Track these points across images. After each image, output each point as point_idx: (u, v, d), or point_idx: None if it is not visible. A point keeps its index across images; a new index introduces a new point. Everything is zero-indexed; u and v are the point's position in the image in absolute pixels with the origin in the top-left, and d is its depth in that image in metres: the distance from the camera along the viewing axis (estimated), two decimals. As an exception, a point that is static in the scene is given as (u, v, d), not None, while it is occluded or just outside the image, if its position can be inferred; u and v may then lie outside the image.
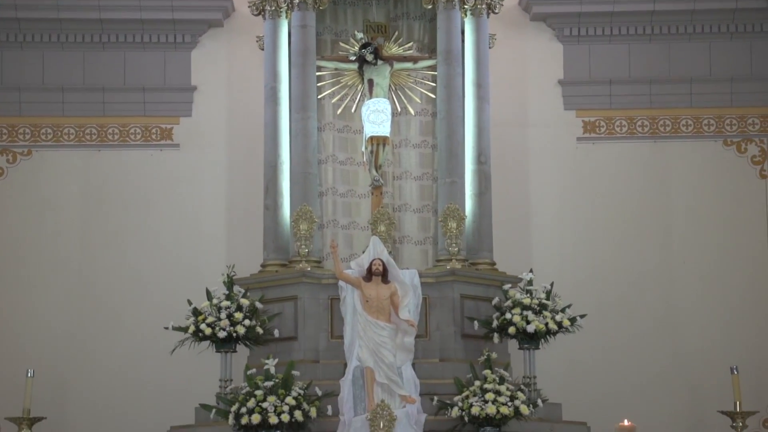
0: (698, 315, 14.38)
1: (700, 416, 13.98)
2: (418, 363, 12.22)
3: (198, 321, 12.48)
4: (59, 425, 13.69)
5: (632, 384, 14.12)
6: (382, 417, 11.34)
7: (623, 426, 8.42)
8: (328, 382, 12.15)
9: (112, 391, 14.00)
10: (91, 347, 14.12)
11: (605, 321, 14.04)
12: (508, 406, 11.76)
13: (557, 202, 14.60)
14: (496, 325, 12.45)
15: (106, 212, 14.45)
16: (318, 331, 12.54)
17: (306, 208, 12.65)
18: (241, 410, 11.73)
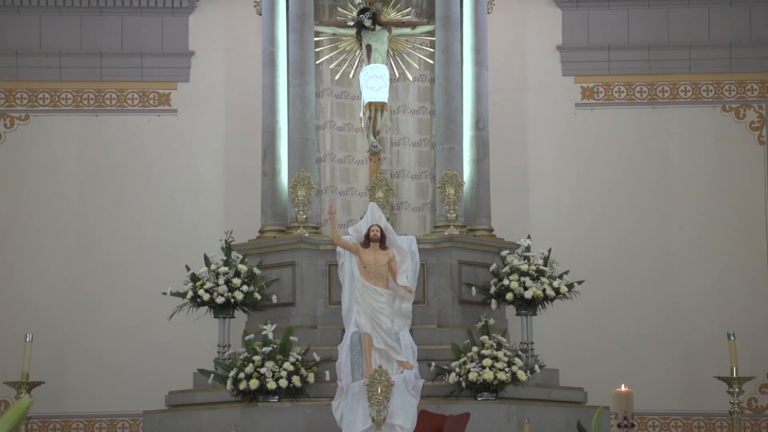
0: (695, 281, 14.40)
1: (697, 382, 14.02)
2: (416, 329, 12.26)
3: (196, 287, 12.50)
4: (58, 390, 13.73)
5: (629, 350, 14.16)
6: (380, 382, 11.37)
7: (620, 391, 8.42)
8: (325, 347, 12.19)
9: (110, 356, 14.03)
10: (90, 312, 14.14)
11: (602, 287, 14.07)
12: (506, 371, 11.80)
13: (555, 169, 14.60)
14: (494, 291, 12.48)
15: (103, 178, 14.44)
16: (316, 297, 12.57)
17: (304, 174, 12.64)
18: (239, 375, 11.77)
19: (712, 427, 14.13)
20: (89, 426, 14.03)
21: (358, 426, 11.39)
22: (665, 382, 14.09)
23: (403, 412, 11.42)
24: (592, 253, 14.25)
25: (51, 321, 13.97)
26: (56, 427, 13.98)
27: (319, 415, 11.72)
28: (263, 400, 11.81)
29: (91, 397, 13.96)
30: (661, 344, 14.22)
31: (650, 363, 14.11)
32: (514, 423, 11.73)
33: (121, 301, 14.15)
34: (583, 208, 14.51)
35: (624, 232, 14.46)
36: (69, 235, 14.31)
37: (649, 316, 14.27)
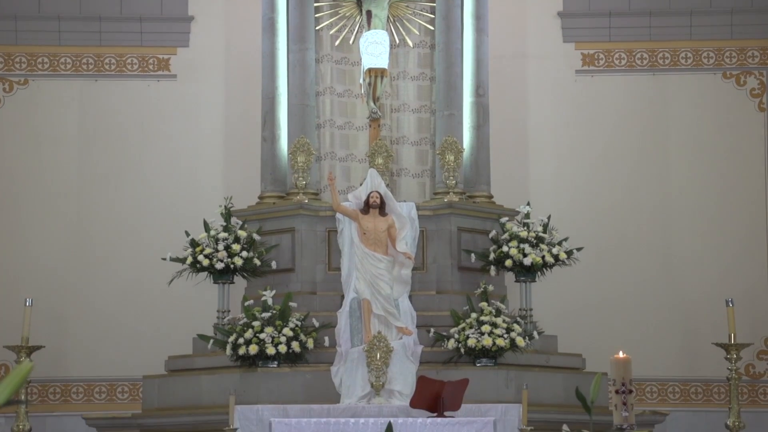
0: (694, 247, 14.41)
1: (695, 348, 14.06)
2: (415, 295, 12.28)
3: (195, 252, 12.51)
4: (58, 354, 13.77)
5: (627, 316, 14.19)
6: (379, 348, 11.40)
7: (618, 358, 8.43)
8: (325, 313, 12.21)
9: (110, 320, 14.06)
10: (90, 277, 14.16)
11: (601, 254, 14.08)
12: (504, 338, 11.83)
13: (555, 135, 14.59)
14: (493, 258, 12.49)
15: (103, 142, 14.43)
16: (315, 263, 12.58)
17: (303, 140, 12.63)
18: (239, 341, 11.80)
19: (710, 393, 14.17)
20: (89, 390, 14.07)
21: (357, 391, 11.42)
22: (663, 348, 14.13)
23: (401, 378, 11.46)
24: (591, 220, 14.25)
25: (51, 286, 13.99)
26: (56, 391, 14.03)
27: (318, 381, 11.75)
28: (262, 365, 11.84)
29: (90, 362, 14.00)
30: (660, 311, 14.25)
31: (648, 329, 14.14)
32: (513, 389, 11.76)
33: (120, 267, 14.16)
34: (583, 175, 14.51)
35: (623, 199, 14.46)
36: (68, 201, 14.31)
37: (648, 283, 14.29)
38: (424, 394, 10.29)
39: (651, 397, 14.14)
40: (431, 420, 9.89)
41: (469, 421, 9.88)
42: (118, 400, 14.03)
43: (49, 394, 13.99)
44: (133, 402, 13.74)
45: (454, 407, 10.28)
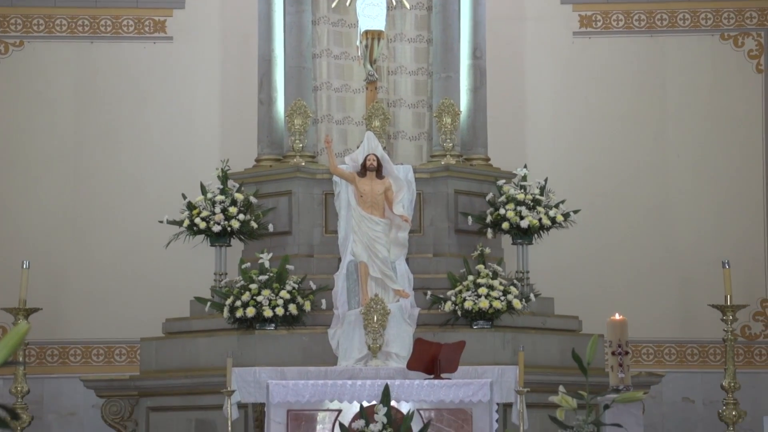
0: (691, 209, 14.42)
1: (691, 310, 14.09)
2: (412, 258, 12.29)
3: (192, 215, 12.51)
4: (55, 317, 13.79)
5: (624, 278, 14.22)
6: (376, 311, 11.43)
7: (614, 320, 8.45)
8: (322, 276, 12.23)
9: (107, 283, 14.07)
10: (86, 240, 14.16)
11: (598, 216, 14.08)
12: (501, 300, 11.85)
13: (552, 97, 14.56)
14: (490, 221, 12.50)
15: (99, 105, 14.39)
16: (312, 225, 12.59)
17: (300, 102, 12.60)
18: (236, 303, 11.82)
19: (706, 355, 14.22)
20: (86, 352, 14.10)
21: (354, 354, 11.46)
22: (659, 310, 14.16)
23: (398, 340, 11.49)
24: (588, 182, 14.25)
25: (47, 248, 13.99)
26: (54, 353, 14.06)
27: (316, 343, 11.78)
28: (260, 327, 11.87)
29: (88, 324, 14.02)
30: (656, 273, 14.28)
31: (645, 291, 14.17)
32: (509, 351, 11.80)
33: (117, 229, 14.16)
34: (580, 138, 14.49)
35: (620, 160, 14.45)
36: (64, 163, 14.29)
37: (645, 245, 14.31)
38: (420, 357, 10.32)
39: (647, 359, 14.19)
40: (428, 382, 9.93)
41: (465, 382, 9.92)
42: (115, 362, 14.06)
43: (46, 356, 14.03)
44: (131, 364, 13.78)
45: (451, 369, 10.31)
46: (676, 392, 14.03)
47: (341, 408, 9.73)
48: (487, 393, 9.79)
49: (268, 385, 9.84)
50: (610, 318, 8.62)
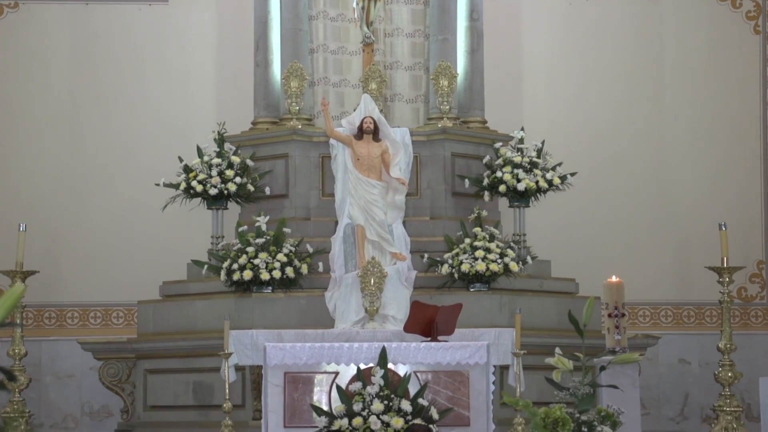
0: (688, 171, 14.42)
1: (687, 272, 14.12)
2: (409, 221, 12.29)
3: (189, 178, 12.49)
4: (52, 279, 13.80)
5: (621, 240, 14.23)
6: (373, 274, 11.44)
7: (611, 282, 8.47)
8: (319, 239, 12.23)
9: (104, 246, 14.07)
10: (83, 203, 14.15)
11: (595, 178, 14.08)
12: (498, 263, 11.86)
13: (549, 60, 14.51)
14: (487, 183, 12.49)
15: (95, 68, 14.34)
16: (309, 188, 12.58)
17: (296, 65, 12.56)
18: (233, 266, 11.83)
19: (702, 317, 14.25)
20: (84, 315, 14.13)
21: (351, 316, 11.47)
22: (656, 272, 14.18)
23: (395, 303, 11.50)
24: (585, 144, 14.23)
25: (44, 211, 13.98)
26: (51, 316, 14.08)
27: (313, 306, 11.80)
28: (257, 290, 11.88)
29: (85, 287, 14.03)
30: (653, 235, 14.29)
31: (641, 253, 14.19)
32: (506, 313, 11.82)
33: (113, 192, 14.15)
34: (577, 100, 14.47)
35: (618, 123, 14.43)
36: (60, 125, 14.26)
37: (642, 207, 14.32)
38: (417, 319, 10.33)
39: (643, 321, 14.23)
40: (425, 344, 9.94)
41: (462, 345, 9.93)
42: (113, 325, 14.09)
43: (44, 318, 14.05)
44: (128, 327, 13.81)
45: (448, 332, 10.32)
46: (673, 354, 14.07)
47: (338, 370, 9.75)
48: (483, 355, 9.80)
49: (265, 347, 9.85)
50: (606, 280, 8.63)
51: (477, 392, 9.75)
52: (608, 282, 8.62)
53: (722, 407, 11.98)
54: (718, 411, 12.03)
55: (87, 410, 13.84)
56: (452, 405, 9.68)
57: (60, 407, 13.83)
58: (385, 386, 9.51)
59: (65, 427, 13.78)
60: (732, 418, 11.92)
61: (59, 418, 13.79)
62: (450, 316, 10.40)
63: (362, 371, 9.64)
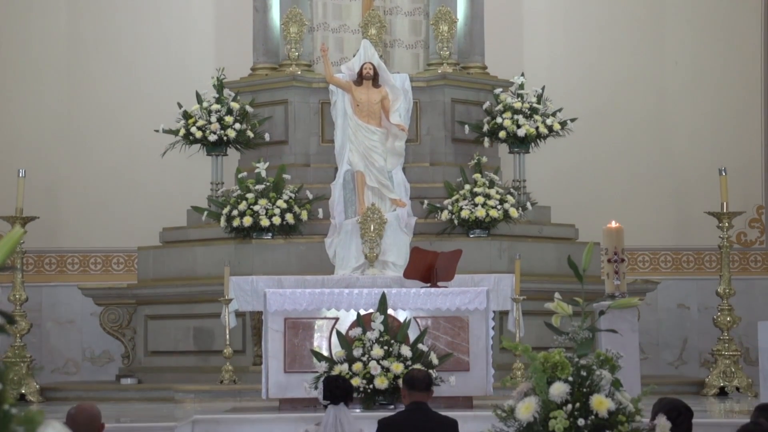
0: (688, 117, 14.39)
1: (687, 217, 14.12)
2: (409, 167, 12.28)
3: (188, 124, 12.48)
4: (52, 225, 13.80)
5: (620, 186, 14.22)
6: (373, 220, 11.45)
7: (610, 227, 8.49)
8: (318, 185, 12.23)
9: (103, 192, 14.06)
10: (83, 149, 14.12)
11: (595, 124, 14.05)
12: (498, 209, 11.87)
13: (550, 6, 14.43)
14: (487, 130, 12.47)
15: (94, 14, 14.25)
16: (308, 135, 12.56)
17: (296, 10, 12.49)
18: (233, 213, 11.84)
19: (701, 262, 14.28)
20: (84, 261, 14.14)
21: (351, 263, 11.50)
22: (656, 217, 14.19)
23: (395, 249, 11.53)
24: (585, 91, 14.19)
25: (43, 157, 13.95)
26: (51, 261, 14.10)
27: (312, 252, 11.82)
28: (256, 237, 11.90)
29: (85, 233, 14.04)
30: (653, 180, 14.28)
31: (641, 199, 14.19)
32: (506, 259, 11.84)
33: (113, 138, 14.12)
34: (577, 46, 14.40)
35: (618, 69, 14.37)
36: (60, 72, 14.20)
37: (642, 153, 14.30)
38: (417, 265, 10.35)
39: (643, 266, 14.25)
40: (425, 290, 9.97)
41: (462, 291, 9.96)
42: (113, 271, 14.11)
43: (44, 264, 14.07)
44: (129, 273, 13.83)
45: (447, 278, 10.35)
46: (672, 299, 14.11)
47: (338, 316, 9.79)
48: (483, 301, 9.84)
49: (265, 293, 9.88)
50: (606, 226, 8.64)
51: (476, 337, 9.79)
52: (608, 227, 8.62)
53: (721, 351, 12.03)
54: (716, 355, 12.09)
55: (88, 355, 13.90)
56: (452, 350, 9.73)
57: (61, 352, 13.88)
58: (385, 332, 9.56)
59: (66, 371, 13.84)
60: (730, 362, 11.97)
61: (60, 363, 13.85)
62: (450, 262, 10.42)
63: (362, 317, 9.68)
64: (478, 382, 9.72)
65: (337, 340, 9.67)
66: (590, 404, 5.21)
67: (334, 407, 6.64)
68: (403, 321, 9.73)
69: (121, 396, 11.79)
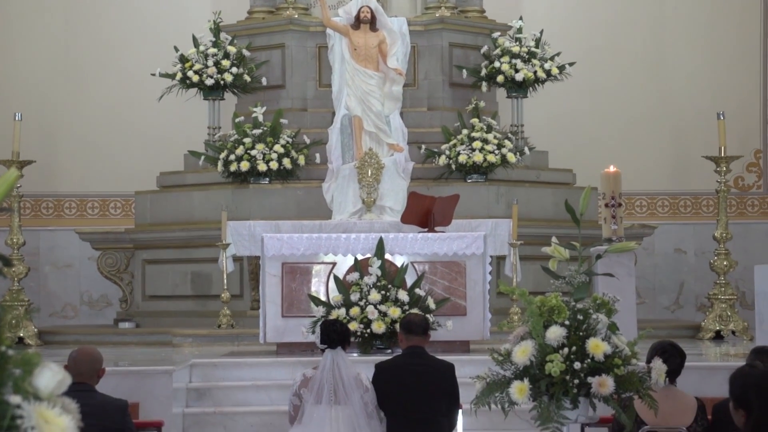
0: (687, 61, 14.33)
1: (685, 161, 14.11)
2: (406, 112, 12.25)
3: (185, 68, 12.43)
4: (49, 169, 13.79)
5: (618, 130, 14.19)
6: (370, 165, 11.43)
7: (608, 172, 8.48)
8: (316, 130, 12.21)
9: (101, 136, 14.03)
10: (79, 92, 14.07)
11: (593, 68, 13.99)
12: (495, 154, 11.86)
13: (548, -52, 14.34)
14: (485, 74, 12.43)
15: (89, -44, 14.17)
16: (306, 79, 12.52)
17: (292, -47, 12.41)
18: (230, 157, 11.82)
19: (699, 206, 14.28)
20: (81, 205, 14.14)
21: (349, 207, 11.50)
22: (653, 162, 14.17)
23: (392, 194, 11.52)
24: (583, 34, 14.12)
25: (40, 101, 13.91)
26: (49, 206, 14.10)
27: (310, 197, 11.82)
28: (254, 181, 11.89)
29: (82, 177, 14.02)
30: (651, 125, 14.25)
31: (639, 144, 14.16)
32: (503, 204, 11.84)
33: (110, 82, 14.07)
34: (576, -11, 14.31)
35: (616, 12, 14.30)
36: (56, 14, 14.12)
37: (640, 97, 14.26)
38: (414, 210, 10.35)
39: (640, 211, 14.25)
40: (422, 235, 9.97)
41: (459, 236, 9.97)
42: (110, 215, 14.11)
43: (41, 208, 14.06)
44: (126, 217, 13.83)
45: (445, 223, 10.35)
46: (669, 243, 14.13)
47: (336, 261, 9.80)
48: (480, 246, 9.85)
49: (262, 238, 9.88)
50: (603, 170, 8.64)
51: (473, 282, 9.81)
52: (605, 172, 8.62)
53: (717, 295, 12.06)
54: (712, 299, 12.12)
55: (86, 299, 13.93)
56: (449, 295, 9.75)
57: (59, 296, 13.91)
58: (382, 276, 9.57)
59: (64, 315, 13.88)
60: (726, 306, 12.01)
61: (58, 307, 13.89)
62: (447, 207, 10.42)
63: (359, 262, 9.69)
64: (475, 327, 9.75)
65: (334, 285, 9.69)
66: (586, 348, 5.24)
67: (331, 351, 6.66)
68: (400, 266, 9.74)
69: (119, 340, 11.83)
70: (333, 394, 6.59)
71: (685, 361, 6.27)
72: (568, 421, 5.27)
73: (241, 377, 9.15)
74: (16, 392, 2.55)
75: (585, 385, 5.19)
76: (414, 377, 6.74)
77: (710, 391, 7.46)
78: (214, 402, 8.87)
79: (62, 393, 2.62)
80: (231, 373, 9.19)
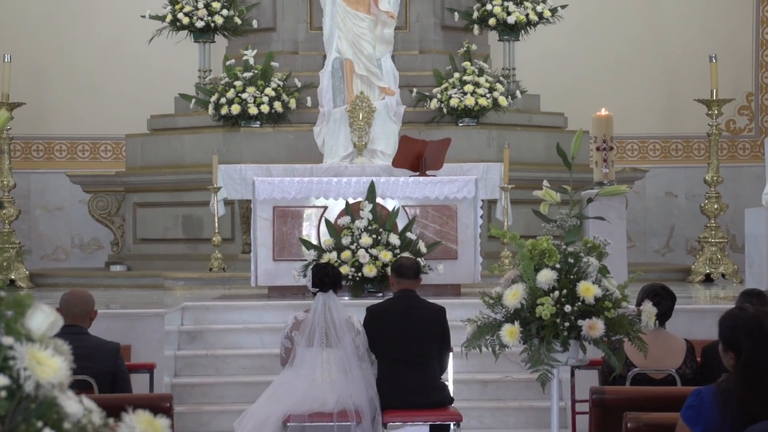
0: (679, 3, 14.27)
1: (676, 105, 14.10)
2: (398, 55, 12.20)
3: (175, 10, 12.36)
4: (40, 112, 13.75)
5: (610, 74, 14.16)
6: (362, 108, 11.40)
7: (600, 115, 8.48)
8: (307, 73, 12.16)
9: (91, 78, 13.97)
10: (68, 35, 14.00)
11: (585, 12, 13.93)
12: (487, 97, 11.84)
13: None
14: (477, 17, 12.38)
15: None
16: (297, 22, 12.45)
17: None
18: (221, 101, 11.79)
19: (690, 150, 14.29)
20: (72, 148, 14.11)
21: (340, 151, 11.48)
22: (645, 105, 14.16)
23: (384, 138, 11.50)
24: (575, -23, 14.04)
25: (29, 43, 13.83)
26: (39, 148, 14.07)
27: (301, 141, 11.80)
28: (245, 125, 11.87)
29: (73, 120, 13.98)
30: (642, 68, 14.22)
31: (631, 87, 14.14)
32: (495, 148, 11.84)
33: (99, 24, 13.99)
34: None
35: (609, -46, 14.23)
36: (44, -43, 14.03)
37: (631, 40, 14.21)
38: (406, 154, 10.34)
39: (631, 155, 14.26)
40: (413, 179, 9.97)
41: (450, 179, 9.97)
42: (101, 158, 14.08)
43: (32, 151, 14.03)
44: (117, 160, 13.81)
45: (436, 166, 10.35)
46: (660, 187, 14.14)
47: (327, 205, 9.80)
48: (472, 189, 9.85)
49: (254, 182, 9.87)
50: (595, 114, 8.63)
51: (465, 226, 9.83)
52: (597, 115, 8.62)
53: (707, 239, 12.09)
54: (703, 242, 12.15)
55: (77, 242, 13.93)
56: (440, 239, 9.77)
57: (50, 239, 13.92)
58: (373, 220, 9.58)
59: (56, 258, 13.89)
60: (716, 249, 12.05)
61: (50, 250, 13.89)
62: (438, 151, 10.41)
63: (351, 205, 9.70)
64: (466, 270, 9.77)
65: (325, 229, 9.70)
66: (577, 291, 5.25)
67: (322, 295, 6.68)
68: (391, 209, 9.75)
69: (110, 283, 11.85)
70: (324, 337, 6.62)
71: (675, 304, 6.31)
72: (559, 363, 5.30)
73: (233, 320, 9.19)
74: (8, 333, 2.56)
75: (575, 327, 5.21)
76: (405, 320, 6.77)
77: (700, 334, 7.50)
78: (206, 345, 8.90)
79: (54, 335, 2.63)
80: (222, 316, 9.22)
